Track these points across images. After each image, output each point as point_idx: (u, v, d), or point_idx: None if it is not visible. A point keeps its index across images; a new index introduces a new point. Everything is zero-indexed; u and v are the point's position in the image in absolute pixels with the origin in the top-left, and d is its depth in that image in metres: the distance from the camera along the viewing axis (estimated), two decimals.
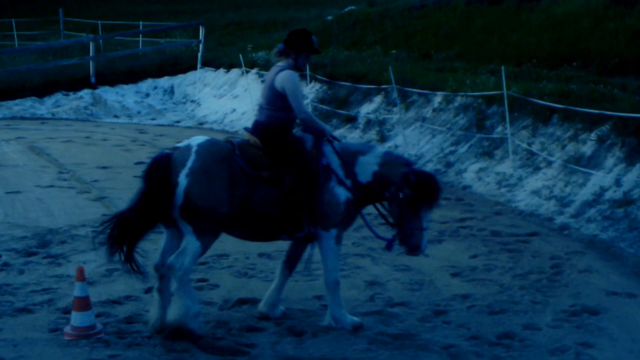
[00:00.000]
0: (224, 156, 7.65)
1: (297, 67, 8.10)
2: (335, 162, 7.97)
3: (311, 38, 8.10)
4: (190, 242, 7.56)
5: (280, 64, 8.07)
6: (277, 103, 7.94)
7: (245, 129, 8.27)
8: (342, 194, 7.88)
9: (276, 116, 7.96)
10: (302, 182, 7.75)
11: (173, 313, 7.64)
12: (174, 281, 7.59)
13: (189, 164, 7.50)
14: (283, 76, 7.89)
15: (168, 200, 7.49)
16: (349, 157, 7.99)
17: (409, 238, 7.81)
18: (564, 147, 14.20)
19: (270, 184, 7.75)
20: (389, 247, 8.04)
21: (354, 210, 8.02)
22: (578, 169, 13.32)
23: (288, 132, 8.04)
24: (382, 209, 8.21)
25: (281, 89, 7.88)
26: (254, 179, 7.69)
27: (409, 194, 7.71)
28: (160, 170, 7.55)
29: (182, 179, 7.46)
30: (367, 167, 7.93)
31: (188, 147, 7.66)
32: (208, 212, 7.47)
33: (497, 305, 8.80)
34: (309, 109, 22.45)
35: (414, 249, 7.84)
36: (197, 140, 7.78)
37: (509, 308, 8.73)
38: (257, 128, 8.06)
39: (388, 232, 8.46)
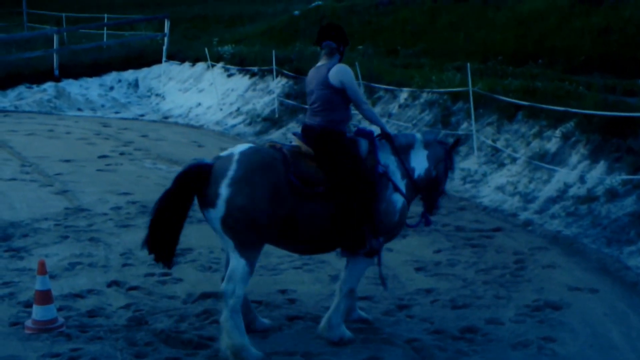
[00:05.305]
0: (268, 164, 7.05)
1: (340, 62, 7.72)
2: (393, 164, 7.63)
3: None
4: (236, 261, 7.00)
5: (321, 62, 7.65)
6: (334, 101, 7.47)
7: (295, 134, 7.68)
8: (398, 201, 7.49)
9: (332, 117, 7.48)
10: (360, 193, 7.21)
11: (224, 344, 7.06)
12: (226, 309, 7.00)
13: (231, 173, 6.93)
14: (340, 70, 7.47)
15: (206, 207, 7.03)
16: (404, 153, 7.78)
17: (436, 201, 8.18)
18: (528, 143, 14.27)
19: (324, 199, 7.18)
20: (427, 222, 8.25)
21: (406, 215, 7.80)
22: (542, 165, 13.39)
23: (344, 136, 7.51)
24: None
25: (340, 84, 7.43)
26: (308, 195, 7.13)
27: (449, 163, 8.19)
28: (198, 180, 7.02)
29: (224, 190, 6.90)
30: (420, 159, 7.90)
31: (230, 156, 7.10)
32: (248, 223, 6.90)
33: (460, 300, 8.82)
34: (275, 104, 22.54)
35: (438, 208, 8.31)
36: (239, 148, 7.21)
37: (472, 302, 8.76)
38: (310, 133, 7.52)
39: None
